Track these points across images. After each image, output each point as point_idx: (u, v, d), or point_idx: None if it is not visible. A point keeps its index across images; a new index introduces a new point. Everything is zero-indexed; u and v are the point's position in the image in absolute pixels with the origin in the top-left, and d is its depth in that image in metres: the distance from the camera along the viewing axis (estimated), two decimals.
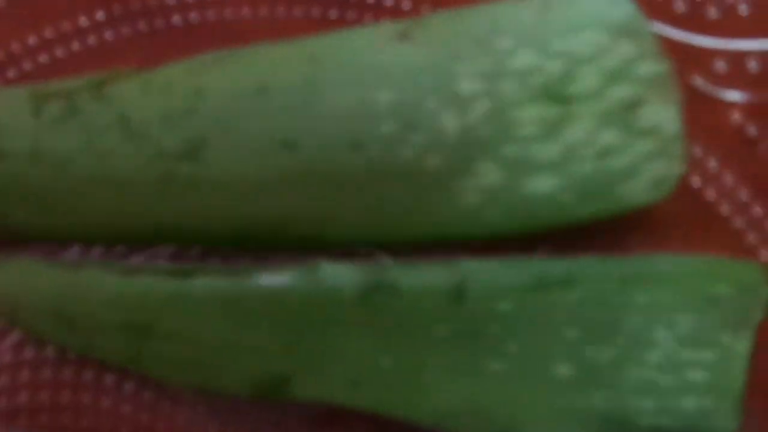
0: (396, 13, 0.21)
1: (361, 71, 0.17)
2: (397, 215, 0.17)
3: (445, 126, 0.17)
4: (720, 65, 0.20)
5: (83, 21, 0.21)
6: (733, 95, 0.20)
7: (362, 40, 0.18)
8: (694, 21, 0.20)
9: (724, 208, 0.19)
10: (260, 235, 0.18)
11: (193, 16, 0.21)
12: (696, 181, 0.20)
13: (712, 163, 0.20)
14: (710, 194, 0.20)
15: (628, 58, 0.17)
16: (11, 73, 0.21)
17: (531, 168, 0.17)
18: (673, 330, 0.16)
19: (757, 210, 0.19)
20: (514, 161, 0.17)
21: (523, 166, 0.17)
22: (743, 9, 0.20)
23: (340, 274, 0.17)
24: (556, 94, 0.17)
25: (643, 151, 0.17)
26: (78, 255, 0.20)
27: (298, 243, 0.18)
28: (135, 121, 0.18)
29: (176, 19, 0.21)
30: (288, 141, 0.17)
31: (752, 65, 0.20)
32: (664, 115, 0.17)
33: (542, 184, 0.17)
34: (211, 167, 0.17)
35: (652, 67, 0.17)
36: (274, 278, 0.17)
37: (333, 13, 0.21)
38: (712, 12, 0.20)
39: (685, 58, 0.20)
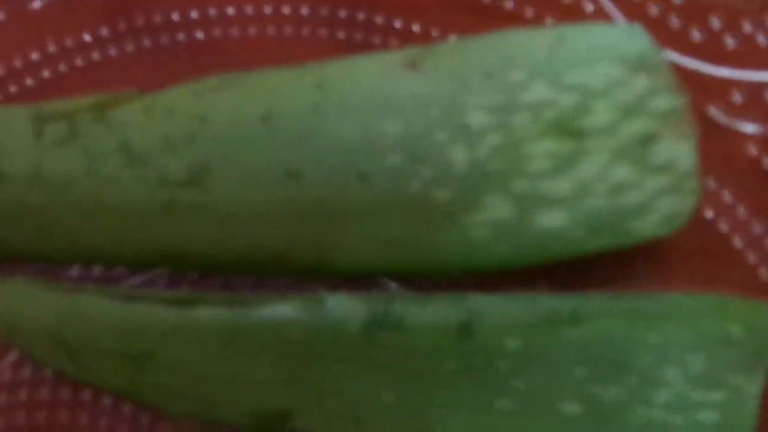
0: (405, 35, 0.21)
1: (369, 100, 0.17)
2: (403, 248, 0.17)
3: (454, 159, 0.17)
4: (737, 96, 0.20)
5: (87, 37, 0.21)
6: (750, 127, 0.20)
7: (370, 67, 0.17)
8: (711, 51, 0.20)
9: (737, 242, 0.19)
10: (262, 263, 0.18)
11: (199, 33, 0.21)
12: (709, 213, 0.19)
13: (726, 196, 0.19)
14: (723, 227, 0.19)
15: (643, 92, 0.17)
16: (13, 88, 0.21)
17: (542, 203, 0.17)
18: (683, 369, 0.16)
19: None
20: (524, 196, 0.17)
21: (533, 202, 0.17)
22: (762, 39, 0.20)
23: (344, 308, 0.16)
24: (569, 129, 0.17)
25: (656, 188, 0.17)
26: (78, 274, 0.20)
27: (300, 271, 0.18)
28: (137, 146, 0.17)
29: (181, 36, 0.21)
30: (293, 170, 0.17)
31: None
32: (679, 150, 0.17)
33: (552, 220, 0.17)
34: (214, 195, 0.17)
35: (667, 101, 0.17)
36: (277, 310, 0.17)
37: (341, 34, 0.21)
38: (730, 42, 0.20)
39: (701, 88, 0.20)
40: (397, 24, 0.21)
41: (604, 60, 0.17)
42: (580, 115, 0.17)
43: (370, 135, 0.17)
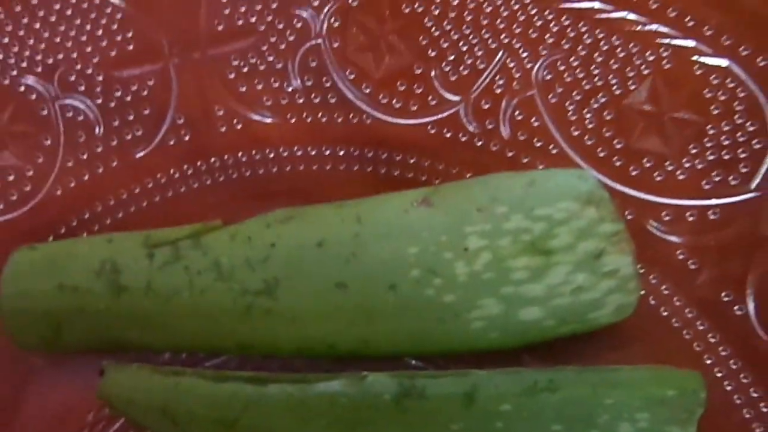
0: (418, 168, 0.26)
1: (395, 230, 0.22)
2: (422, 337, 0.22)
3: (458, 272, 0.21)
4: (666, 215, 0.25)
5: (175, 174, 0.27)
6: (676, 238, 0.24)
7: (395, 203, 0.22)
8: (645, 182, 0.25)
9: (675, 323, 0.24)
10: (316, 350, 0.22)
11: (260, 170, 0.27)
12: (653, 301, 0.24)
13: (664, 289, 0.24)
14: (664, 312, 0.24)
15: (593, 221, 0.21)
16: (120, 215, 0.26)
17: (522, 302, 0.21)
18: (634, 424, 0.20)
19: (701, 325, 0.24)
20: (509, 298, 0.21)
21: (516, 301, 0.21)
22: (680, 174, 0.24)
23: (380, 383, 0.21)
24: (540, 248, 0.21)
25: (606, 288, 0.21)
26: (168, 358, 0.25)
27: (344, 356, 0.22)
28: (225, 265, 0.22)
29: (248, 172, 0.27)
30: (340, 283, 0.22)
31: (689, 216, 0.24)
32: (621, 261, 0.21)
33: (531, 314, 0.21)
34: (282, 301, 0.22)
35: (611, 226, 0.21)
36: (330, 385, 0.21)
37: (369, 168, 0.26)
38: (658, 177, 0.25)
39: (641, 210, 0.25)
40: (411, 160, 0.26)
41: (564, 197, 0.22)
42: (548, 239, 0.21)
43: (397, 255, 0.22)
